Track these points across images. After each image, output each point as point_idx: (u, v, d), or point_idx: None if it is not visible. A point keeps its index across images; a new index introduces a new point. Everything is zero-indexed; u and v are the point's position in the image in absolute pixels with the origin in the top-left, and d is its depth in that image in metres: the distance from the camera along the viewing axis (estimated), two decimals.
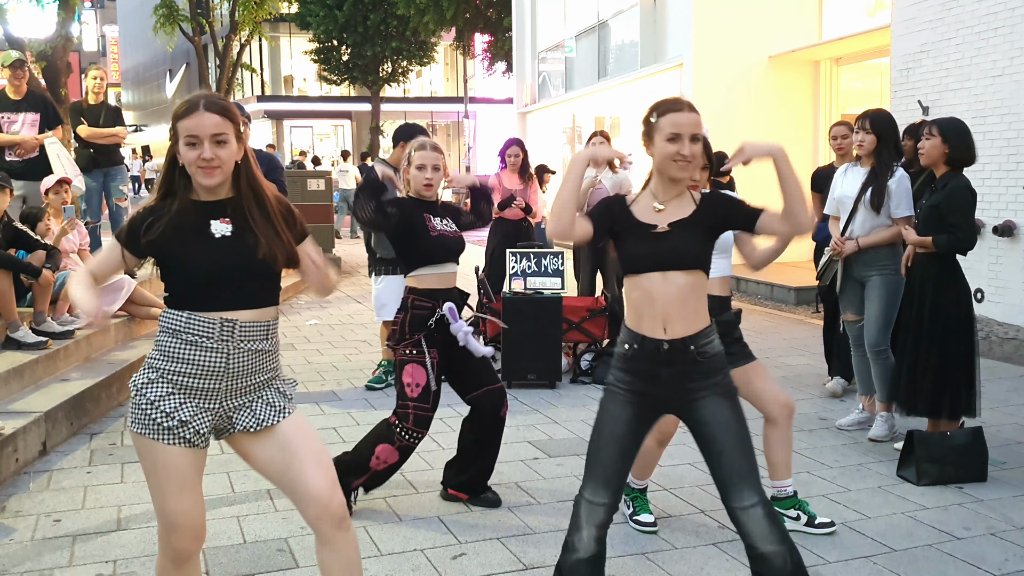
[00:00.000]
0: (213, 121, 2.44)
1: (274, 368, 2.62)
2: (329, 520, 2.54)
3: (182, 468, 2.48)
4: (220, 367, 2.47)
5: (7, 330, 5.70)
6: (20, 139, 7.42)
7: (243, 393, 2.55)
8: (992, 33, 8.32)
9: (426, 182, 4.08)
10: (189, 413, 2.47)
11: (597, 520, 2.81)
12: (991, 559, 3.68)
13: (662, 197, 2.87)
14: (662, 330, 2.75)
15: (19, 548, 3.72)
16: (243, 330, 2.48)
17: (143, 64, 53.35)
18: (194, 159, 2.44)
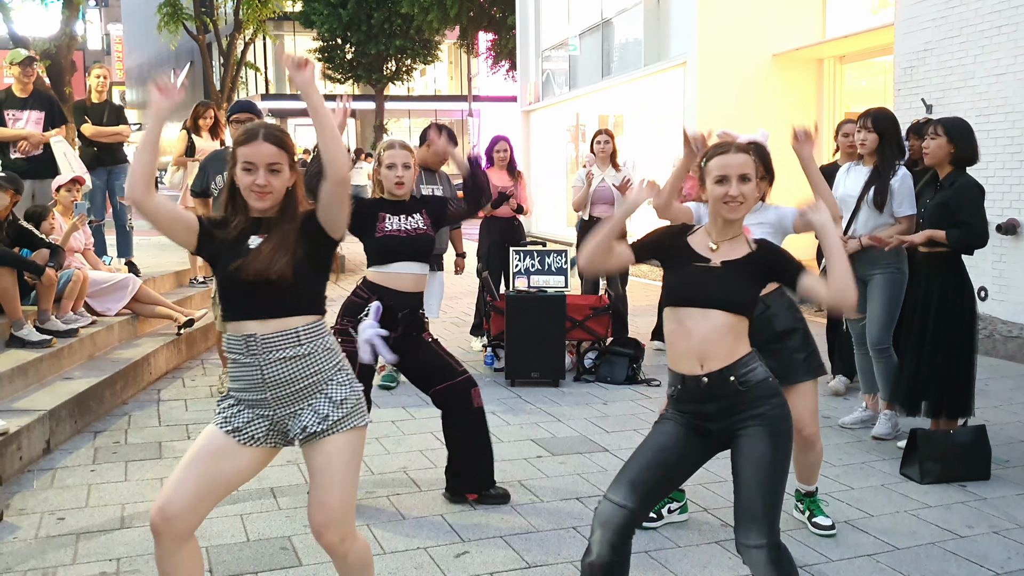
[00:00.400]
0: (270, 151, 2.61)
1: (320, 372, 2.64)
2: (325, 545, 2.69)
3: (211, 450, 2.62)
4: (257, 378, 2.61)
5: (11, 328, 5.71)
6: (26, 133, 7.43)
7: (290, 401, 2.64)
8: (996, 31, 8.30)
9: (397, 180, 4.08)
10: (244, 420, 2.67)
11: (614, 523, 2.72)
12: (994, 557, 3.68)
13: (716, 237, 2.85)
14: (699, 366, 2.73)
15: (23, 546, 3.74)
16: (266, 341, 2.59)
17: (147, 62, 53.42)
18: (249, 184, 2.61)
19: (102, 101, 8.48)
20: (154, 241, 12.48)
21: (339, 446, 2.63)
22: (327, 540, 2.66)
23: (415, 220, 4.14)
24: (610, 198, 7.54)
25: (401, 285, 4.09)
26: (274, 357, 2.59)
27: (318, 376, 2.64)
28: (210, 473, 2.61)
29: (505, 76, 30.99)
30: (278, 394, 2.62)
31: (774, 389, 2.76)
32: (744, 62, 13.16)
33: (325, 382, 2.65)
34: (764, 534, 2.65)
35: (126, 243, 8.66)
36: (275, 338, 2.59)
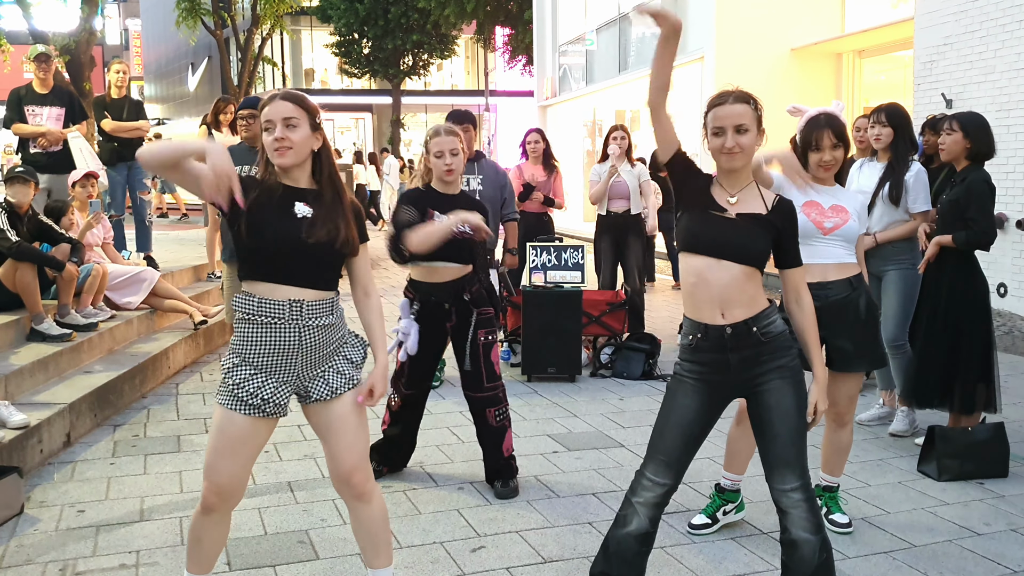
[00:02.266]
0: (286, 107, 2.70)
1: (340, 337, 2.84)
2: (348, 492, 2.90)
3: (240, 436, 2.74)
4: (293, 343, 2.72)
5: (32, 322, 5.76)
6: (45, 130, 7.49)
7: (316, 364, 2.79)
8: (1017, 25, 8.22)
9: (447, 168, 4.08)
10: (270, 391, 2.74)
11: (653, 498, 2.90)
12: (1012, 555, 3.66)
13: (732, 189, 2.89)
14: (720, 316, 2.81)
15: (44, 538, 3.77)
16: (311, 308, 2.72)
17: (165, 58, 53.62)
18: (270, 142, 2.70)
19: (122, 96, 8.52)
20: (172, 236, 12.57)
21: (350, 397, 2.83)
22: (357, 481, 2.85)
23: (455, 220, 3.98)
24: (626, 192, 7.52)
25: (442, 277, 4.17)
26: (315, 324, 2.73)
27: (339, 341, 2.84)
28: (247, 455, 2.78)
29: (522, 71, 30.94)
30: (308, 358, 2.76)
31: (790, 341, 2.88)
32: (762, 57, 13.10)
33: (342, 345, 2.86)
34: (799, 475, 2.83)
35: (145, 238, 8.72)
36: (318, 305, 2.74)
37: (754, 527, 3.93)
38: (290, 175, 2.77)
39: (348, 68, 36.71)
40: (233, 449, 2.73)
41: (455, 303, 4.18)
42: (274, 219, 2.70)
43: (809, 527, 2.81)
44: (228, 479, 2.76)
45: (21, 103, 7.56)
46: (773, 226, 2.85)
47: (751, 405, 2.91)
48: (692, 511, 4.10)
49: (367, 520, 2.95)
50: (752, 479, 4.51)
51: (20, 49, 15.04)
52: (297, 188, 2.77)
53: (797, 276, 2.94)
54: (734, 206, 2.85)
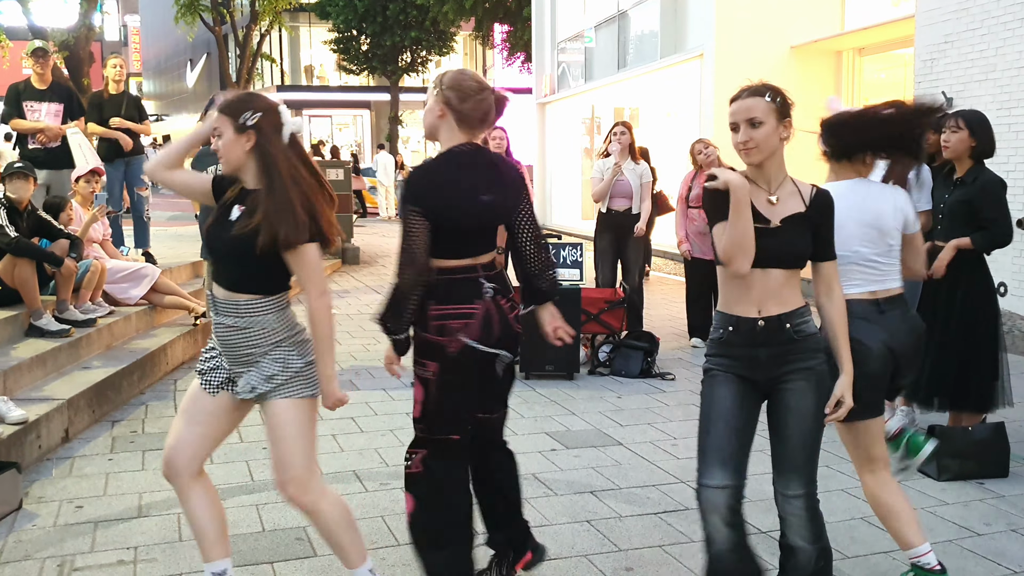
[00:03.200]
0: (217, 119, 2.79)
1: (258, 347, 2.81)
2: (289, 500, 2.92)
3: (189, 397, 2.96)
4: (218, 335, 2.87)
5: (30, 318, 5.75)
6: (44, 126, 7.47)
7: (237, 362, 2.86)
8: (1019, 23, 8.21)
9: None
10: (208, 366, 2.94)
11: (723, 505, 2.77)
12: (1012, 555, 3.66)
13: (769, 187, 2.82)
14: (756, 311, 2.78)
15: (42, 534, 3.77)
16: (222, 306, 2.83)
17: (164, 54, 53.55)
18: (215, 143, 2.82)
19: (119, 92, 8.50)
20: (171, 232, 12.56)
21: (282, 407, 2.82)
22: (288, 494, 2.88)
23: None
24: (629, 191, 7.51)
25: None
26: (223, 322, 2.83)
27: (258, 350, 2.82)
28: (196, 423, 2.93)
29: (520, 68, 30.91)
30: (227, 353, 2.87)
31: (822, 344, 2.85)
32: (762, 54, 13.07)
33: (275, 348, 2.82)
34: (803, 484, 2.82)
35: (143, 234, 8.70)
36: (224, 305, 2.82)
37: (753, 526, 3.92)
38: (243, 178, 2.84)
39: (346, 65, 36.67)
40: (184, 410, 2.96)
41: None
42: (213, 221, 2.87)
43: (807, 536, 2.81)
44: (176, 441, 2.91)
45: (19, 98, 7.54)
46: (812, 223, 2.82)
47: (771, 403, 2.85)
48: (691, 510, 4.09)
49: (322, 528, 2.96)
50: (752, 477, 4.50)
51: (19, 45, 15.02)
52: (246, 189, 2.83)
53: (830, 269, 2.88)
54: (775, 207, 2.79)
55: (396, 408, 5.67)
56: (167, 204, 22.25)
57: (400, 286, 2.97)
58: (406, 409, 5.62)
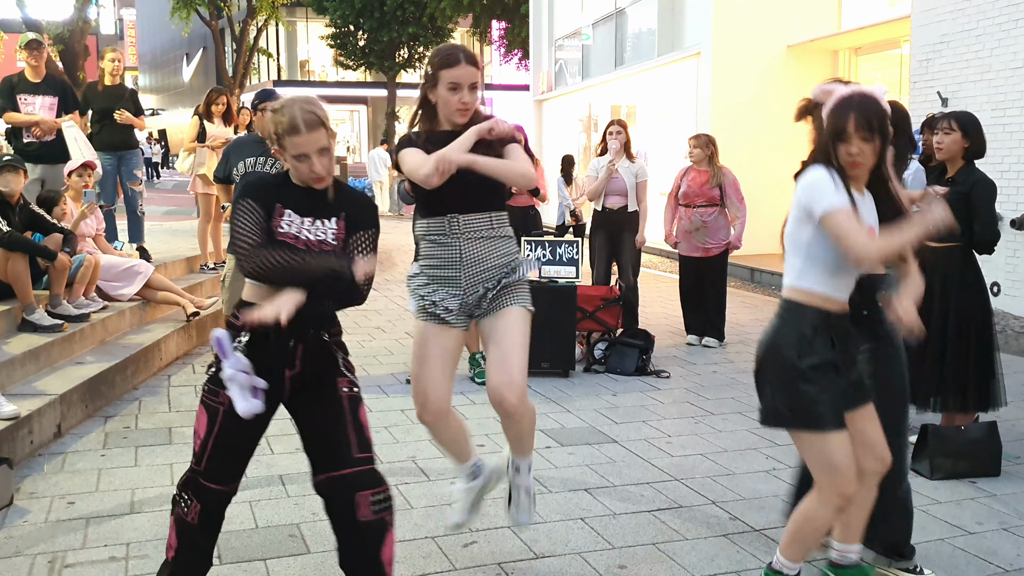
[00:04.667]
0: (472, 72, 3.17)
1: (504, 256, 3.22)
2: (499, 410, 3.19)
3: (427, 342, 3.21)
4: (455, 255, 3.18)
5: (23, 313, 5.73)
6: (38, 118, 7.44)
7: (479, 278, 3.18)
8: (1013, 24, 8.23)
9: (460, 106, 3.20)
10: (440, 296, 3.20)
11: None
12: (1003, 554, 3.66)
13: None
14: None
15: (33, 529, 3.75)
16: (466, 223, 3.16)
17: (160, 48, 53.50)
18: (455, 102, 3.16)
19: (115, 84, 8.47)
20: (166, 227, 12.54)
21: (516, 315, 3.16)
22: (507, 396, 3.10)
23: (326, 228, 2.82)
24: (623, 189, 7.51)
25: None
26: (473, 237, 3.17)
27: (502, 260, 3.21)
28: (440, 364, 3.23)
29: (518, 65, 30.89)
30: (470, 270, 3.18)
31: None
32: (759, 53, 13.10)
33: (503, 265, 3.21)
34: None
35: (137, 229, 8.68)
36: (473, 221, 3.18)
37: (746, 524, 3.93)
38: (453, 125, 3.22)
39: (343, 60, 36.63)
40: (424, 358, 3.22)
41: (305, 341, 2.80)
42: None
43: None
44: (427, 386, 3.22)
45: (13, 91, 7.51)
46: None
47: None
48: (684, 507, 4.10)
49: (515, 428, 3.26)
50: (746, 476, 4.50)
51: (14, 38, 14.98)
52: (454, 132, 3.17)
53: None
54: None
55: (391, 405, 5.66)
56: (162, 199, 22.20)
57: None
58: (401, 406, 5.63)
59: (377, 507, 2.75)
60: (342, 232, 2.81)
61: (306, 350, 2.79)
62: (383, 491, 2.79)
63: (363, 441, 2.81)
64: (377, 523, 2.75)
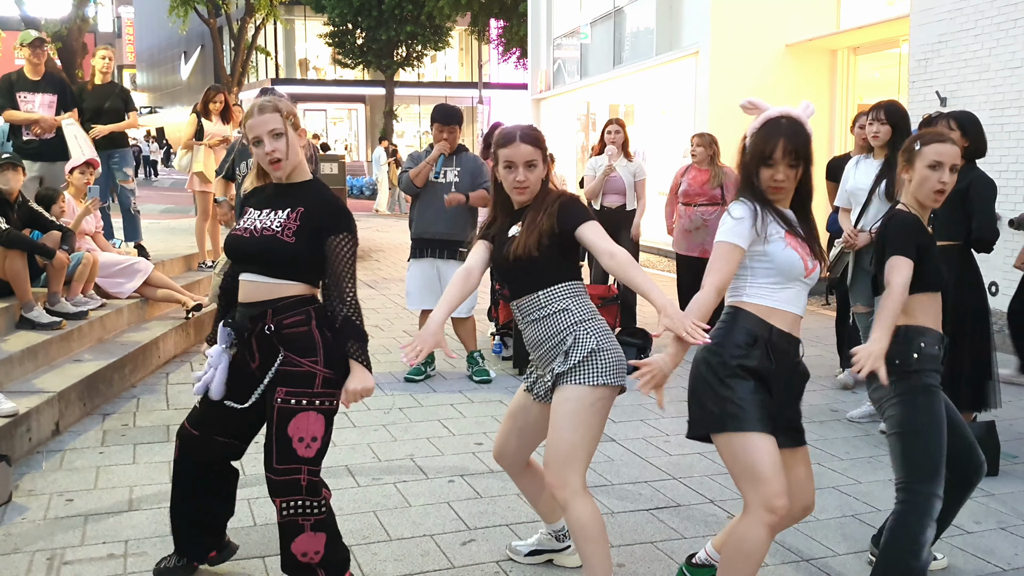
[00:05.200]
0: (527, 150, 3.03)
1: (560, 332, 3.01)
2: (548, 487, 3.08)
3: (514, 400, 3.36)
4: (528, 339, 3.14)
5: (21, 310, 5.73)
6: (38, 116, 7.43)
7: (547, 358, 3.07)
8: (1012, 24, 8.23)
9: (270, 156, 2.99)
10: (534, 377, 3.26)
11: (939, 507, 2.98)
12: (1001, 553, 3.67)
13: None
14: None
15: (32, 527, 3.75)
16: (522, 311, 3.11)
17: (158, 46, 53.41)
18: (511, 181, 3.06)
19: (106, 83, 8.45)
20: (163, 225, 12.53)
21: (564, 395, 2.95)
22: (547, 481, 3.00)
23: (274, 216, 3.01)
24: (621, 188, 7.52)
25: (241, 296, 3.07)
26: (528, 319, 3.08)
27: (558, 335, 3.02)
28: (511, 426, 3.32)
29: (516, 64, 30.90)
30: (535, 353, 3.12)
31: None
32: (757, 52, 13.09)
33: (563, 340, 3.01)
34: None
35: (133, 227, 8.66)
36: (528, 304, 3.08)
37: None
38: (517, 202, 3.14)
39: (341, 58, 36.61)
40: (508, 409, 3.35)
41: (256, 334, 3.00)
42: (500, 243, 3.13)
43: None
44: (498, 434, 3.36)
45: (12, 89, 7.49)
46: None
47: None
48: (682, 506, 4.11)
49: (570, 530, 2.99)
50: None
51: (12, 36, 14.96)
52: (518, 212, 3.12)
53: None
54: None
55: (389, 403, 5.66)
56: (160, 197, 22.18)
57: None
58: (400, 404, 5.63)
59: (287, 513, 2.96)
60: (293, 223, 2.96)
61: (258, 343, 3.00)
62: (297, 499, 2.95)
63: (285, 452, 2.93)
64: (289, 523, 2.99)
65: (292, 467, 2.92)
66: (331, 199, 3.07)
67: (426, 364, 6.34)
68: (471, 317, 6.35)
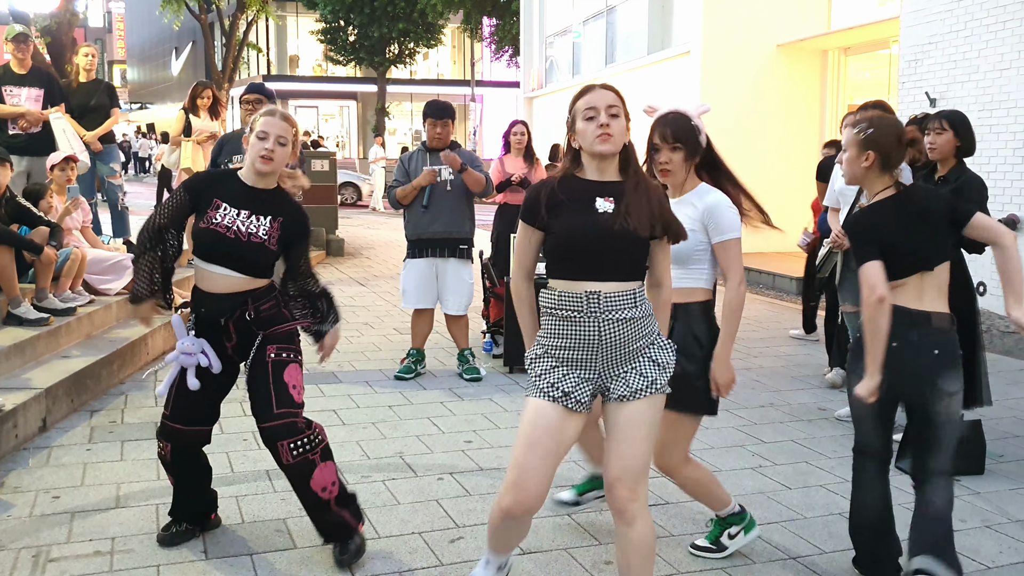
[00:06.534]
0: (610, 96, 2.75)
1: (648, 334, 2.73)
2: (611, 505, 2.75)
3: (543, 425, 2.66)
4: (594, 337, 2.65)
5: (9, 306, 5.70)
6: (24, 110, 7.38)
7: (622, 361, 2.69)
8: (1000, 26, 8.28)
9: (265, 153, 3.28)
10: (571, 384, 2.68)
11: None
12: (986, 551, 3.69)
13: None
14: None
15: (17, 524, 3.74)
16: (607, 300, 2.64)
17: (149, 41, 53.22)
18: (593, 128, 2.71)
19: (90, 80, 8.40)
20: None
21: (648, 405, 2.70)
22: (618, 494, 2.69)
23: (258, 224, 3.32)
24: None
25: (216, 287, 3.34)
26: (613, 317, 2.65)
27: (646, 340, 2.72)
28: (551, 453, 2.68)
29: (508, 62, 30.89)
30: (613, 353, 2.68)
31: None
32: (748, 52, 13.12)
33: (650, 345, 2.74)
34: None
35: (121, 223, 8.62)
36: (616, 297, 2.66)
37: None
38: (599, 168, 2.75)
39: (333, 55, 36.54)
40: (537, 441, 2.65)
41: (233, 320, 3.35)
42: (577, 218, 2.69)
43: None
44: (531, 479, 2.65)
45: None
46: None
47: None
48: (671, 504, 4.11)
49: (625, 544, 2.73)
50: (732, 472, 4.52)
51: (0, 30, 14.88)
52: (601, 182, 2.75)
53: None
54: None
55: (379, 401, 5.66)
56: (150, 193, 22.08)
57: None
58: (389, 402, 5.63)
59: (297, 452, 3.28)
60: (275, 232, 3.34)
61: (236, 326, 3.35)
62: (301, 438, 3.30)
63: (284, 398, 3.31)
64: (299, 463, 3.30)
65: (290, 410, 3.30)
66: (301, 211, 3.48)
67: (416, 362, 6.33)
68: (466, 315, 6.34)
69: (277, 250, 3.36)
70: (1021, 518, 4.04)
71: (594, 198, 2.70)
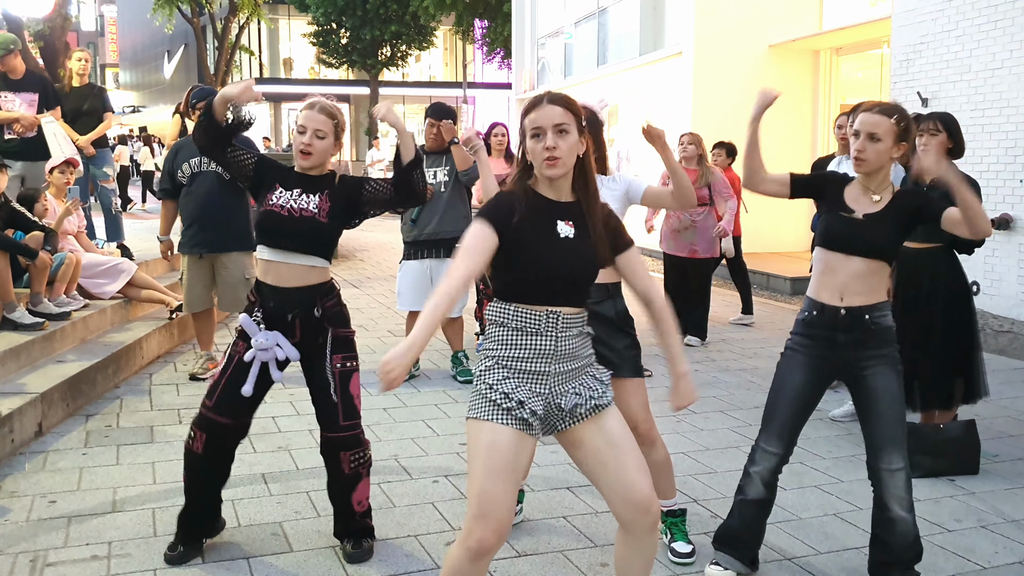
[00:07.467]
0: (555, 112, 2.54)
1: (590, 355, 2.70)
2: (646, 523, 2.59)
3: (505, 449, 2.49)
4: (549, 349, 2.56)
5: (3, 311, 5.69)
6: (18, 115, 7.37)
7: (570, 377, 2.61)
8: (992, 26, 8.31)
9: (303, 147, 3.38)
10: (525, 394, 2.54)
11: (768, 467, 3.28)
12: (981, 551, 3.71)
13: (874, 188, 3.19)
14: (839, 299, 3.14)
15: (14, 528, 3.73)
16: (566, 321, 2.57)
17: (141, 45, 53.08)
18: (539, 151, 2.54)
19: (83, 85, 8.39)
20: (146, 225, 12.46)
21: (616, 420, 2.64)
22: (655, 508, 2.59)
23: (308, 199, 3.40)
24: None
25: (280, 279, 3.39)
26: (570, 334, 2.58)
27: (588, 359, 2.68)
28: (515, 477, 2.53)
29: (500, 64, 30.90)
30: (562, 367, 2.58)
31: (894, 337, 3.20)
32: (740, 53, 13.14)
33: (591, 365, 2.70)
34: (903, 457, 3.14)
35: (115, 227, 8.60)
36: (572, 320, 2.59)
37: (721, 517, 3.94)
38: (554, 186, 2.60)
39: (326, 58, 36.52)
40: (502, 467, 2.47)
41: (301, 315, 3.40)
42: (542, 244, 2.54)
43: (906, 506, 3.16)
44: (503, 505, 2.46)
45: None
46: (903, 214, 3.14)
47: (856, 388, 3.21)
48: None
49: (650, 549, 2.66)
50: (727, 474, 4.53)
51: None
52: (559, 203, 2.60)
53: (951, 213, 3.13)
54: (868, 204, 3.16)
55: (373, 403, 5.66)
56: None
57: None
58: (384, 404, 5.63)
59: (355, 463, 3.46)
60: (325, 204, 3.38)
61: (303, 322, 3.38)
62: (361, 451, 3.48)
63: (350, 410, 3.45)
64: (353, 475, 3.47)
65: (355, 422, 3.47)
66: (348, 177, 3.53)
67: (416, 367, 6.33)
68: (461, 317, 6.35)
69: (330, 223, 3.39)
70: (1016, 518, 4.06)
71: (555, 220, 2.57)
